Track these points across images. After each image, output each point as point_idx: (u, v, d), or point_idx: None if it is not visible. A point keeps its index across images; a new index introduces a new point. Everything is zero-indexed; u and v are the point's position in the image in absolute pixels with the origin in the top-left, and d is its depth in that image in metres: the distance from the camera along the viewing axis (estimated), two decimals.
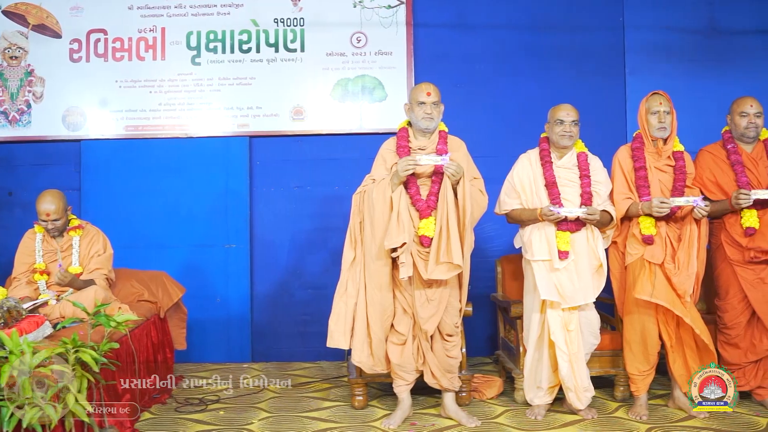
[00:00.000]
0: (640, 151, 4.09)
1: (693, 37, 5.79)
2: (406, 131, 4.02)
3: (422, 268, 3.79)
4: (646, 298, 3.90)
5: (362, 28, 5.65)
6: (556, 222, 3.95)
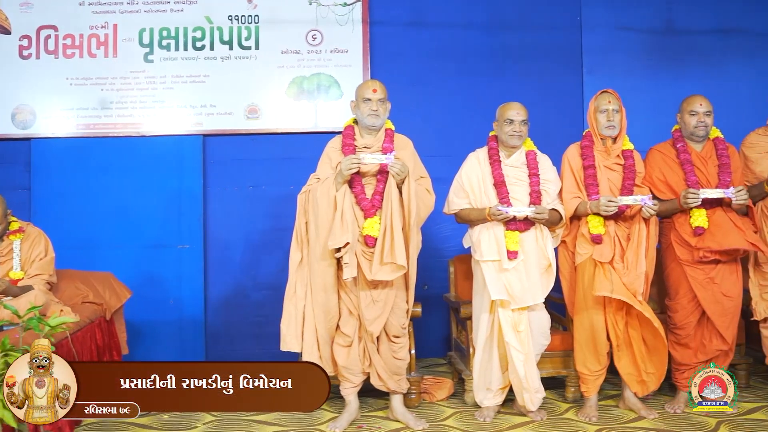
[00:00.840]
0: (589, 150, 4.05)
1: (650, 37, 5.78)
2: (352, 129, 3.96)
3: (366, 268, 3.72)
4: (606, 294, 3.86)
5: (318, 25, 5.58)
6: (504, 221, 3.90)
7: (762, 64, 5.68)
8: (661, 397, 4.37)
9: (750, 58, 5.77)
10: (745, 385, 4.57)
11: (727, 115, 5.00)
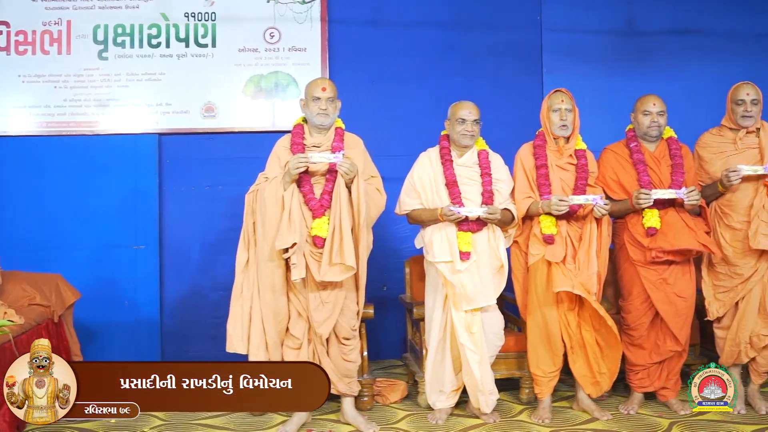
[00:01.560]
0: (541, 149, 4.02)
1: (611, 38, 5.78)
2: (302, 128, 3.90)
3: (315, 269, 3.66)
4: (567, 288, 3.82)
5: (276, 23, 5.50)
6: (456, 222, 3.85)
7: (720, 64, 5.68)
8: (616, 397, 4.34)
9: (709, 58, 5.78)
10: None
11: (686, 115, 5.03)
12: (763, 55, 5.83)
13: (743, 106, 4.06)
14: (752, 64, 5.75)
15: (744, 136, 4.13)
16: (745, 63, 5.75)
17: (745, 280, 4.06)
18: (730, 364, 4.18)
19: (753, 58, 5.80)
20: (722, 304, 4.14)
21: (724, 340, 4.16)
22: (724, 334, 4.17)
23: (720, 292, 4.15)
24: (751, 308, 4.07)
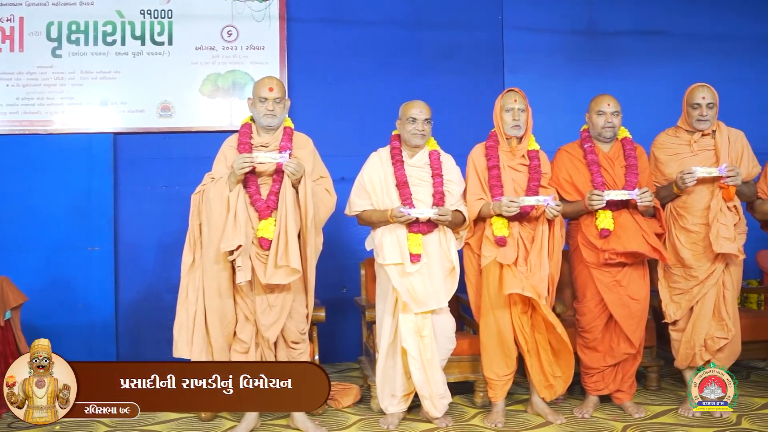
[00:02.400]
0: (493, 150, 3.96)
1: (572, 37, 5.75)
2: (249, 127, 3.82)
3: (261, 272, 3.58)
4: (517, 291, 3.76)
5: (233, 21, 5.42)
6: (407, 224, 3.79)
7: (682, 65, 5.67)
8: (572, 400, 4.30)
9: (670, 59, 5.77)
10: (656, 388, 4.54)
11: (648, 116, 5.01)
12: (724, 57, 5.83)
13: (699, 110, 4.02)
14: (714, 66, 5.75)
15: (699, 138, 4.10)
16: (706, 64, 5.76)
17: (700, 283, 4.03)
18: (685, 367, 4.15)
19: (714, 60, 5.81)
20: (678, 307, 4.10)
21: (679, 342, 4.13)
22: (679, 336, 4.13)
23: (676, 294, 4.12)
24: (706, 311, 4.04)
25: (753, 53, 5.87)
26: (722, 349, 4.07)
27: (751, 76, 5.85)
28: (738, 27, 5.87)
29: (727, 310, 4.04)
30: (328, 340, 5.43)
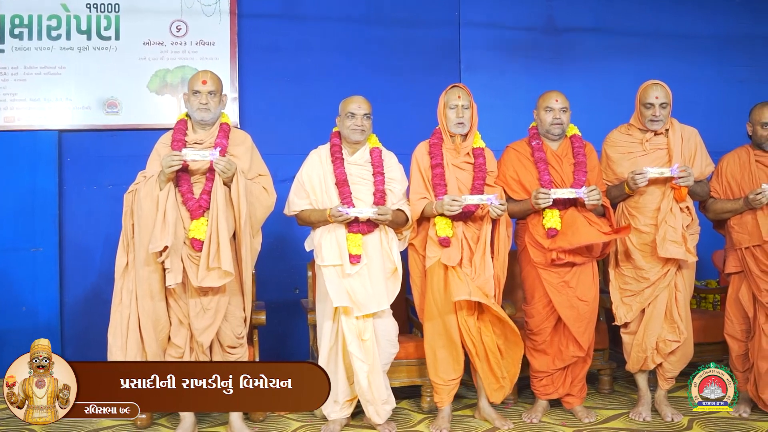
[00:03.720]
0: (437, 148, 3.84)
1: (530, 35, 5.65)
2: (185, 124, 3.69)
3: (193, 274, 3.45)
4: (465, 297, 3.65)
5: (183, 16, 5.27)
6: (346, 223, 3.66)
7: (642, 63, 5.57)
8: (522, 405, 4.20)
9: (630, 57, 5.68)
10: (609, 391, 4.45)
11: (608, 114, 4.90)
12: (685, 55, 5.76)
13: (652, 110, 3.93)
14: (674, 64, 5.68)
15: (652, 137, 4.01)
16: (666, 62, 5.69)
17: (652, 285, 3.93)
18: (637, 371, 4.06)
19: (675, 57, 5.73)
20: (629, 309, 4.00)
21: (630, 345, 4.03)
22: (630, 339, 4.04)
23: (627, 296, 4.02)
24: (658, 313, 3.94)
25: (714, 51, 5.80)
26: (674, 352, 3.98)
27: (712, 74, 5.78)
28: (699, 25, 5.80)
29: (679, 312, 3.94)
30: (280, 343, 5.31)
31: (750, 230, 3.91)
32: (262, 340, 5.10)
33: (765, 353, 3.86)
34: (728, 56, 5.81)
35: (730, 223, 4.00)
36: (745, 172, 3.98)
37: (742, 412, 4.01)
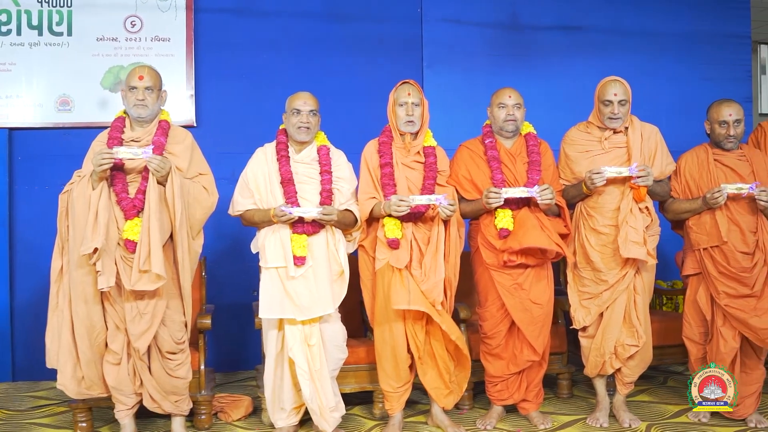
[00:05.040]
0: (386, 146, 3.72)
1: (494, 32, 5.55)
2: (122, 121, 3.55)
3: (126, 277, 3.31)
4: (403, 306, 3.53)
5: (137, 11, 5.14)
6: (291, 224, 3.54)
7: (606, 60, 5.47)
8: (477, 410, 4.08)
9: (594, 54, 5.59)
10: (568, 395, 4.35)
11: (572, 112, 4.79)
12: (648, 52, 5.67)
13: (610, 107, 3.81)
14: (638, 61, 5.60)
15: (611, 135, 3.90)
16: (631, 59, 5.60)
17: (610, 287, 3.82)
18: (595, 375, 3.95)
19: (639, 55, 5.65)
20: (588, 312, 3.90)
21: (589, 349, 3.92)
22: (589, 343, 3.93)
23: (585, 299, 3.91)
24: (616, 317, 3.83)
25: (678, 49, 5.72)
26: (633, 357, 3.87)
27: (676, 72, 5.70)
28: (663, 22, 5.71)
29: (638, 316, 3.84)
30: (237, 347, 5.19)
31: (708, 231, 3.81)
32: (218, 344, 5.00)
33: (723, 357, 3.76)
34: (692, 54, 5.73)
35: (689, 224, 3.90)
36: (703, 172, 3.88)
37: (702, 417, 3.91)
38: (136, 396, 3.52)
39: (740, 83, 5.82)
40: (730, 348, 3.77)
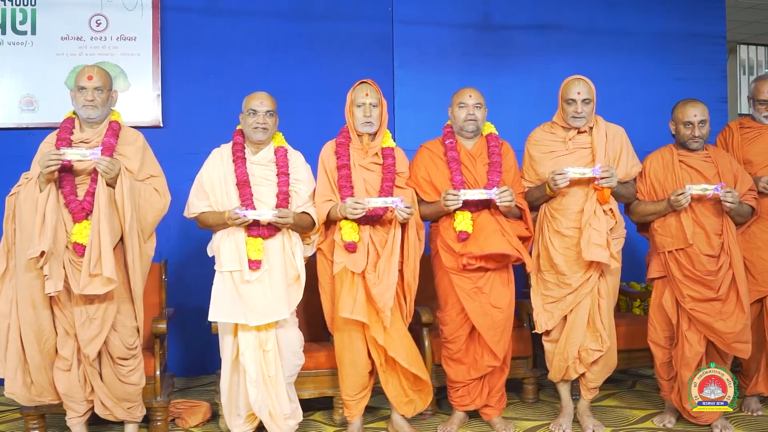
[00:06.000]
0: (344, 147, 3.65)
1: (466, 32, 5.48)
2: (72, 122, 3.48)
3: (75, 281, 3.23)
4: (347, 315, 3.47)
5: (103, 9, 5.06)
6: (246, 227, 3.46)
7: (578, 60, 5.40)
8: (440, 416, 4.02)
9: (570, 54, 5.52)
10: (534, 400, 4.29)
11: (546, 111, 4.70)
12: (623, 51, 5.62)
13: (574, 106, 3.75)
14: (610, 61, 5.55)
15: (575, 135, 3.83)
16: (605, 59, 5.55)
17: (574, 291, 3.75)
18: (559, 380, 3.88)
19: (613, 54, 5.60)
20: (551, 316, 3.83)
21: (552, 354, 3.86)
22: (552, 347, 3.86)
23: (549, 303, 3.84)
24: (580, 321, 3.76)
25: (651, 49, 5.67)
26: (597, 362, 3.81)
27: (649, 71, 5.65)
28: (636, 22, 5.66)
29: (603, 320, 3.77)
30: (204, 351, 5.10)
31: (674, 233, 3.75)
32: (184, 348, 4.92)
33: (688, 361, 3.70)
34: (667, 54, 5.69)
35: (654, 226, 3.84)
36: (668, 173, 3.82)
37: (667, 422, 3.86)
38: (88, 403, 3.45)
39: (715, 83, 5.77)
40: (695, 352, 3.71)
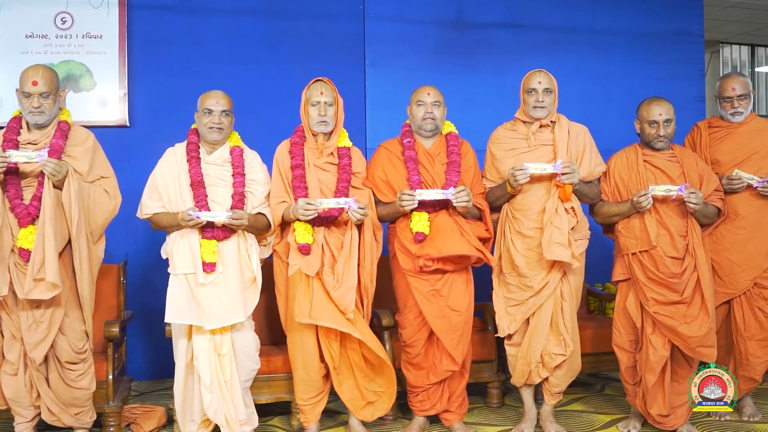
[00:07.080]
0: (298, 147, 3.57)
1: (439, 30, 5.41)
2: (18, 122, 3.41)
3: (20, 286, 3.17)
4: (305, 321, 3.40)
5: (68, 7, 4.98)
6: (200, 228, 3.39)
7: (554, 59, 5.31)
8: (401, 421, 3.95)
9: (545, 52, 5.45)
10: (498, 405, 4.22)
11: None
12: (600, 50, 5.55)
13: (534, 95, 3.68)
14: (586, 60, 5.50)
15: (537, 130, 3.75)
16: (579, 58, 5.49)
17: (536, 293, 3.67)
18: (522, 384, 3.81)
19: (590, 53, 5.54)
20: (513, 319, 3.75)
21: (515, 358, 3.78)
22: (515, 351, 3.79)
23: (511, 306, 3.76)
24: (542, 324, 3.69)
25: (628, 47, 5.61)
26: (560, 366, 3.73)
27: (626, 70, 5.59)
28: (613, 21, 5.61)
29: (566, 323, 3.69)
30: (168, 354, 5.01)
31: (638, 235, 3.68)
32: (148, 351, 4.85)
33: (652, 366, 3.63)
34: (645, 53, 5.63)
35: (618, 228, 3.77)
36: (632, 173, 3.75)
37: (632, 428, 3.79)
38: (35, 408, 3.38)
39: (693, 82, 5.71)
40: (660, 356, 3.64)
